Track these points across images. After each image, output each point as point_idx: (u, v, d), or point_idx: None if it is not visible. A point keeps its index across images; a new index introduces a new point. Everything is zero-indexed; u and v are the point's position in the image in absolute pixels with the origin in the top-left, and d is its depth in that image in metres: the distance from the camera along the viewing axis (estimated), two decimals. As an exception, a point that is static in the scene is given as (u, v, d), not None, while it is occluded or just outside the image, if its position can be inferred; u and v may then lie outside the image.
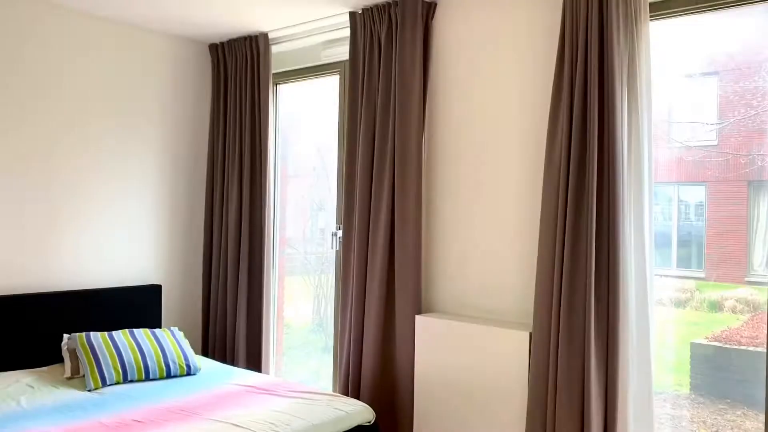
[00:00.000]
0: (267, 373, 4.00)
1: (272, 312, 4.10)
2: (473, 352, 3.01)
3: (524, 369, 2.85)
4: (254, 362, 4.05)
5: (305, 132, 4.56)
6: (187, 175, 4.36)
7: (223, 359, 4.14)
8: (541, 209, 2.81)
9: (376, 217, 3.38)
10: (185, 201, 4.34)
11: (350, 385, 3.44)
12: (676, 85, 3.00)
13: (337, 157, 3.86)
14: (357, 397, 3.39)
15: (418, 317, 3.21)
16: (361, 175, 3.44)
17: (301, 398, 2.87)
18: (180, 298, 4.33)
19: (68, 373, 3.22)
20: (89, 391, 3.03)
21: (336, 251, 3.78)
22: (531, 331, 2.84)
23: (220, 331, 4.20)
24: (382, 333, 3.36)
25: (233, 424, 2.54)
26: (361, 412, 2.76)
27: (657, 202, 2.90)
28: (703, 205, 2.95)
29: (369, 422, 2.78)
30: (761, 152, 2.73)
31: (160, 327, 3.95)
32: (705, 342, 3.01)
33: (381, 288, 3.34)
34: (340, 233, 3.70)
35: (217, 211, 4.27)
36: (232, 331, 4.12)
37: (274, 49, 4.13)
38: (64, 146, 3.68)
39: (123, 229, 3.97)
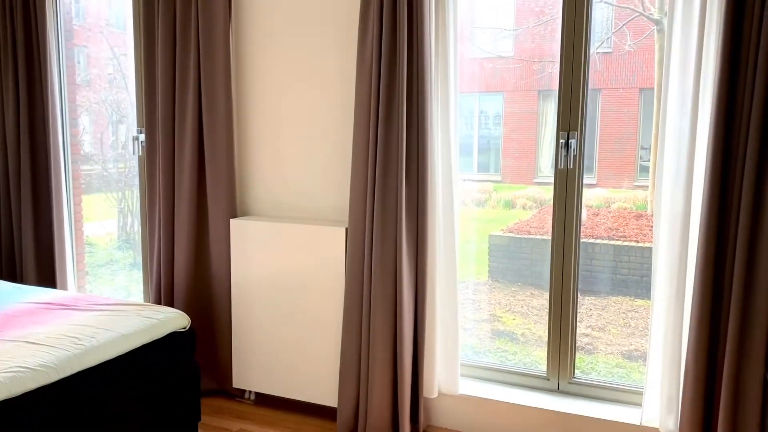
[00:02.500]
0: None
1: (67, 230, 3.73)
2: (291, 252, 3.01)
3: (341, 263, 2.92)
4: (48, 283, 3.70)
5: (95, 29, 4.08)
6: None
7: (12, 281, 3.74)
8: (355, 111, 2.80)
9: (182, 118, 3.15)
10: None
11: (163, 295, 3.29)
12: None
13: (134, 50, 3.49)
14: (171, 306, 3.26)
15: (233, 221, 3.11)
16: (162, 71, 3.16)
17: (107, 310, 2.68)
18: (-48, 216, 3.78)
19: None
20: None
21: (139, 157, 3.50)
22: (347, 227, 2.89)
23: (6, 252, 3.76)
24: (195, 240, 3.23)
25: (28, 342, 2.30)
26: (174, 318, 2.65)
27: (460, 112, 3.04)
28: (500, 115, 3.15)
29: (184, 328, 2.69)
30: (551, 59, 2.94)
31: (-72, 249, 3.43)
32: (501, 234, 3.30)
33: (191, 193, 3.17)
34: (142, 137, 3.42)
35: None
36: (20, 253, 3.71)
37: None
38: None
39: None
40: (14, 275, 3.77)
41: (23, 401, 2.06)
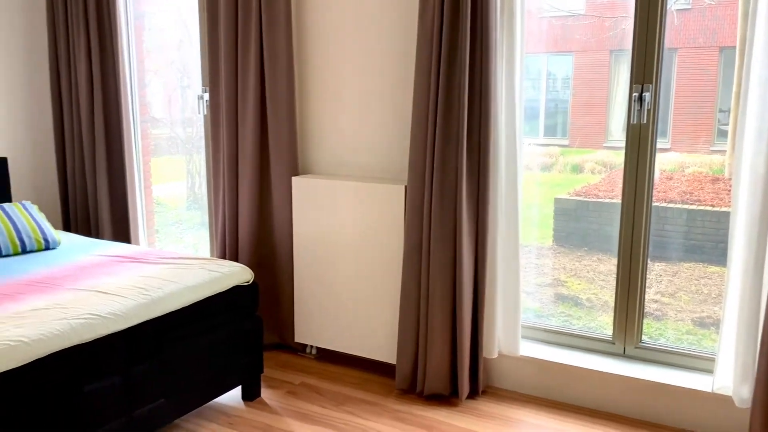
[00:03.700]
0: (138, 248, 3.83)
1: (138, 190, 3.86)
2: (351, 209, 3.01)
3: (400, 221, 2.90)
4: (122, 240, 3.85)
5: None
6: (25, 41, 3.86)
7: (88, 236, 3.90)
8: (415, 69, 2.74)
9: (245, 77, 3.16)
10: (24, 70, 3.88)
11: (227, 252, 3.36)
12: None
13: (198, 7, 3.52)
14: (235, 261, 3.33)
15: (294, 179, 3.13)
16: (225, 30, 3.17)
17: (174, 264, 2.76)
18: (32, 171, 3.97)
19: None
20: (-70, 270, 2.74)
21: (204, 116, 3.56)
22: (406, 184, 2.86)
23: (81, 207, 3.93)
24: (258, 197, 3.27)
25: (99, 292, 2.40)
26: (237, 272, 2.70)
27: (527, 74, 2.92)
28: (569, 77, 3.03)
29: (247, 282, 2.74)
30: (624, 14, 2.79)
31: (9, 201, 3.61)
32: (567, 197, 3.20)
33: (254, 151, 3.20)
34: (206, 96, 3.47)
35: (65, 83, 3.85)
36: (95, 209, 3.87)
37: None
38: None
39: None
40: (90, 231, 3.93)
41: (94, 347, 2.15)
